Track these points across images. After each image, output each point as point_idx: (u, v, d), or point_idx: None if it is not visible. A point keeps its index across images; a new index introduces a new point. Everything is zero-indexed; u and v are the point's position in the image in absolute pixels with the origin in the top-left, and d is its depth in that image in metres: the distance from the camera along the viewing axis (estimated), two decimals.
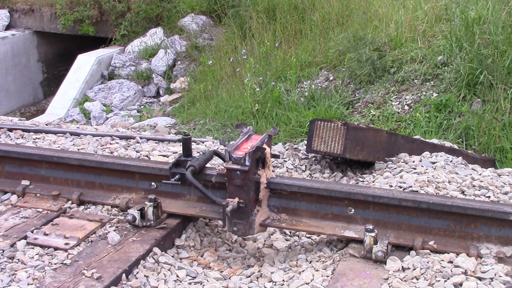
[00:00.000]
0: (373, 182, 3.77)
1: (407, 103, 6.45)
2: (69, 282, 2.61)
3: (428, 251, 2.79)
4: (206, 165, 3.23)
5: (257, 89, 7.42)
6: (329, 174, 4.10)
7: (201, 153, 4.11)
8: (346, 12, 8.69)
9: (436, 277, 2.57)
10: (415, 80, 6.70)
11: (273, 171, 3.14)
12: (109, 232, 3.09)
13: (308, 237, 3.34)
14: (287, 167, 4.17)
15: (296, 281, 2.75)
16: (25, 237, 3.03)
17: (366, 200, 2.93)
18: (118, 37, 11.38)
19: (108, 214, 3.33)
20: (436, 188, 3.46)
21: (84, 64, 10.68)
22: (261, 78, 7.67)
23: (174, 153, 4.31)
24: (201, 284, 2.83)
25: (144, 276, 2.76)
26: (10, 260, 2.80)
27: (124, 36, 11.37)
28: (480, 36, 6.17)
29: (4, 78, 11.40)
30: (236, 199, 2.96)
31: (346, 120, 6.35)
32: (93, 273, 2.67)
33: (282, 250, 3.22)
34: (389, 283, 2.60)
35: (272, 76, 7.89)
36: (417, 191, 3.41)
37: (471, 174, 3.68)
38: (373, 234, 2.78)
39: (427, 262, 2.67)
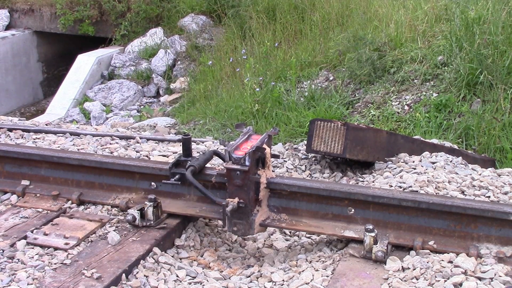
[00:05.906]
0: (373, 182, 3.77)
1: (407, 103, 6.45)
2: (69, 282, 2.61)
3: (428, 251, 2.78)
4: (206, 165, 3.23)
5: (257, 89, 7.41)
6: (329, 174, 4.10)
7: (201, 153, 4.11)
8: (346, 12, 8.69)
9: (436, 277, 2.57)
10: (415, 80, 6.70)
11: (273, 171, 3.14)
12: (109, 232, 3.09)
13: (308, 237, 3.34)
14: (287, 167, 4.17)
15: (296, 281, 2.75)
16: (25, 237, 3.03)
17: (366, 200, 2.93)
18: (118, 37, 11.37)
19: (108, 214, 3.33)
20: (436, 188, 3.46)
21: (84, 64, 10.68)
22: (261, 78, 7.67)
23: (174, 153, 4.30)
24: (201, 284, 2.83)
25: (144, 276, 2.76)
26: (10, 260, 2.80)
27: (124, 36, 11.36)
28: (480, 36, 6.17)
29: (4, 78, 11.40)
30: (236, 199, 2.96)
31: (346, 120, 6.35)
32: (93, 273, 2.67)
33: (282, 250, 3.22)
34: (389, 283, 2.60)
35: (272, 76, 7.89)
36: (417, 191, 3.41)
37: (471, 174, 3.68)
38: (373, 234, 2.78)
39: (427, 262, 2.67)
